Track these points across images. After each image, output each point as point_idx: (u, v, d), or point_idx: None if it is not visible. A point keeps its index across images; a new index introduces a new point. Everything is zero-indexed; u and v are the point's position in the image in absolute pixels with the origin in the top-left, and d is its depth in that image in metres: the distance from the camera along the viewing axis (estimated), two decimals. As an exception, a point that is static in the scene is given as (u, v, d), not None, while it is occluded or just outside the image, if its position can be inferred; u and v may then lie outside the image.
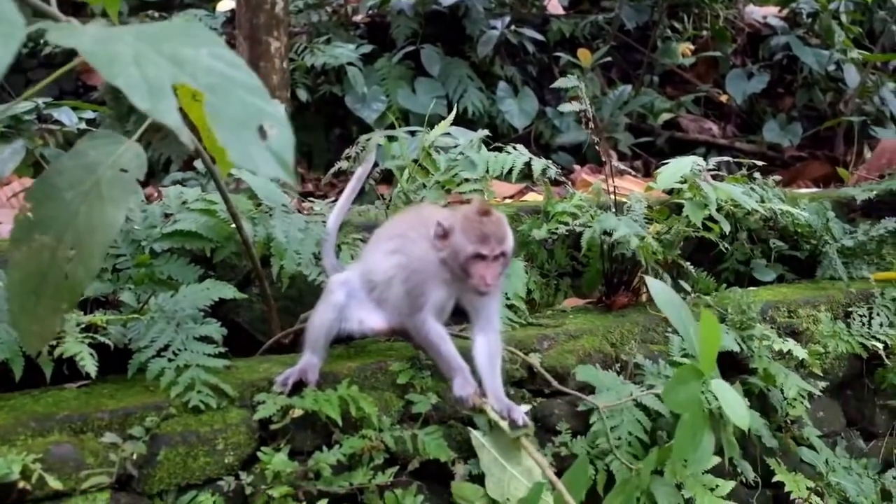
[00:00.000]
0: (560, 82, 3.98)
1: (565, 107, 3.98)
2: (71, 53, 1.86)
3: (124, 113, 6.48)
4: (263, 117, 1.72)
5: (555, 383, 3.27)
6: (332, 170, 4.18)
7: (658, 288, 2.82)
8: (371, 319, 3.09)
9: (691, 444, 2.75)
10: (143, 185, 3.78)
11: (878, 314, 4.38)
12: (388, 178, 4.47)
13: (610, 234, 3.83)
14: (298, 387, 2.89)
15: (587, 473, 3.06)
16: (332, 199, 4.02)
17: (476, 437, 2.99)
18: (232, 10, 7.32)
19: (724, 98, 8.64)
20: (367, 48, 7.63)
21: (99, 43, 1.75)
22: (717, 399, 3.20)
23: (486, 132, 4.25)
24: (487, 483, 2.93)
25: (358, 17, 8.59)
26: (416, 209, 3.38)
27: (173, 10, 8.53)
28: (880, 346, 4.21)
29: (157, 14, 7.99)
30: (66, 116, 5.12)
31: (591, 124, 3.98)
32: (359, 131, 5.89)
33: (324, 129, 7.48)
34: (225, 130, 1.67)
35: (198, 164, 6.04)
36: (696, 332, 2.74)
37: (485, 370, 2.99)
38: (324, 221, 3.56)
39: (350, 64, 7.22)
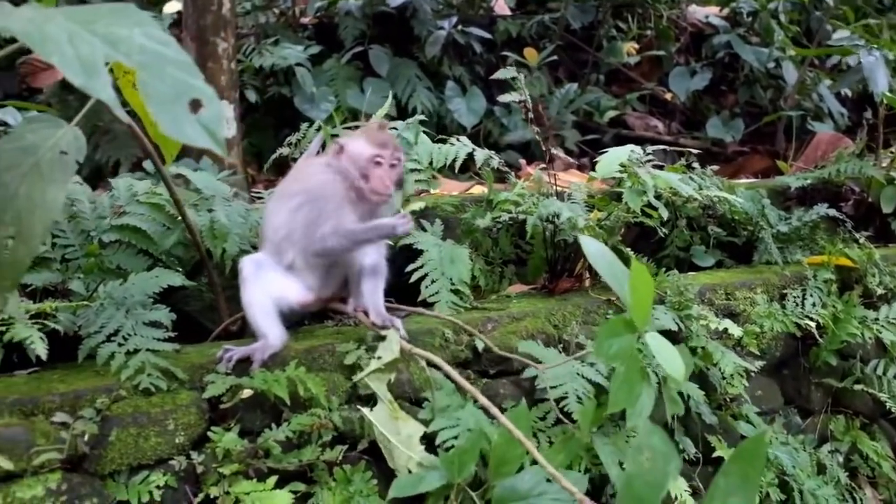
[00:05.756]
0: (500, 73, 4.07)
1: (505, 97, 4.08)
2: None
3: (70, 115, 6.41)
4: (192, 92, 1.79)
5: (498, 350, 3.39)
6: (273, 156, 4.34)
7: (590, 244, 2.79)
8: (293, 293, 3.23)
9: (628, 397, 2.72)
10: (93, 187, 3.83)
11: (811, 295, 4.51)
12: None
13: (552, 220, 3.93)
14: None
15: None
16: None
17: (365, 413, 3.04)
18: (179, 12, 7.30)
19: (668, 96, 8.76)
20: (316, 49, 7.65)
21: (31, 23, 1.81)
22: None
23: (422, 117, 4.37)
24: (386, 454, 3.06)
25: (305, 19, 8.60)
26: (293, 170, 3.48)
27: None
28: (813, 325, 4.34)
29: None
30: (12, 117, 5.08)
31: (530, 114, 4.08)
32: (308, 132, 5.93)
33: (273, 129, 7.42)
34: (156, 104, 1.75)
35: (147, 164, 6.07)
36: (629, 286, 2.75)
37: (368, 289, 3.27)
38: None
39: (298, 65, 7.24)
